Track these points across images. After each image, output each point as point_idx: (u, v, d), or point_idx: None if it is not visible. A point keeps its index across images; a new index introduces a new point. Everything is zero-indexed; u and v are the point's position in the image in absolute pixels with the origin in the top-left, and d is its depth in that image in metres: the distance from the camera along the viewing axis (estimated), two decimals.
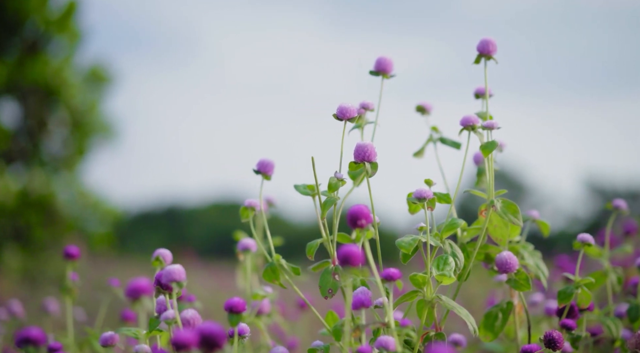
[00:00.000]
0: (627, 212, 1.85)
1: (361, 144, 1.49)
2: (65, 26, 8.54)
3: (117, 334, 1.65)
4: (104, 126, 9.04)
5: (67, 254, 1.99)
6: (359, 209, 1.34)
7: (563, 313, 1.68)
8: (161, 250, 1.63)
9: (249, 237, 1.86)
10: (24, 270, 7.84)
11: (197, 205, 16.40)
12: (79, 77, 8.81)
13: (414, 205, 1.61)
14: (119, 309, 2.60)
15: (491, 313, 1.68)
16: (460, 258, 1.52)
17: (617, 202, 1.84)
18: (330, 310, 1.64)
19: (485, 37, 1.61)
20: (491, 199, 1.57)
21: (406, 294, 1.50)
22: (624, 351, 1.82)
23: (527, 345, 1.55)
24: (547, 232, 1.78)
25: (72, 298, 2.00)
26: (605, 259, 1.85)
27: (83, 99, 8.80)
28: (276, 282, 1.61)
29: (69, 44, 8.66)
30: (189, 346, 1.15)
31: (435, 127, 1.78)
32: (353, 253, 1.24)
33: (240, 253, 1.80)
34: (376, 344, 1.32)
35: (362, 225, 1.34)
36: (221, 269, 8.42)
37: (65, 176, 8.98)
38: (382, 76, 1.65)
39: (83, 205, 9.08)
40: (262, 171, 1.63)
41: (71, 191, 8.93)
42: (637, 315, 1.78)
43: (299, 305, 2.43)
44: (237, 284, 2.07)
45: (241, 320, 1.40)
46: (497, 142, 1.53)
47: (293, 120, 22.75)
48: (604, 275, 1.83)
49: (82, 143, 8.88)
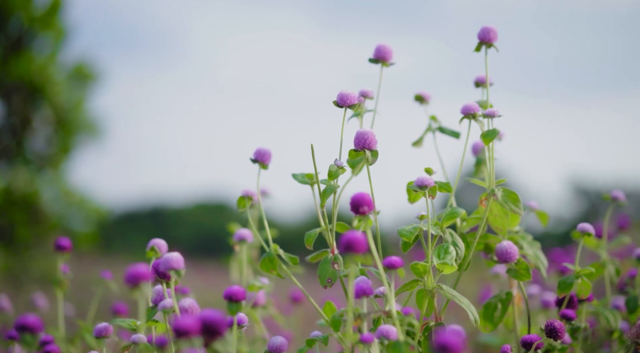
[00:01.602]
0: (624, 203, 1.84)
1: (362, 131, 1.47)
2: (50, 23, 8.47)
3: (111, 325, 1.63)
4: (89, 124, 8.96)
5: (59, 246, 1.96)
6: (361, 196, 1.32)
7: (562, 303, 1.67)
8: (156, 240, 1.60)
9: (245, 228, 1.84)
10: (7, 269, 7.77)
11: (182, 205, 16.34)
12: (64, 75, 8.74)
13: (414, 194, 1.59)
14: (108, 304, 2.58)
15: (490, 303, 1.66)
16: (461, 248, 1.51)
17: (615, 193, 1.83)
18: (329, 300, 1.62)
19: (486, 25, 1.59)
20: (492, 188, 1.55)
21: (407, 283, 1.49)
22: (622, 342, 1.81)
23: (527, 336, 1.53)
24: (546, 223, 1.77)
25: (63, 291, 1.96)
26: (603, 250, 1.84)
27: (68, 96, 8.73)
28: (274, 272, 1.59)
29: (54, 41, 8.59)
30: (190, 332, 1.13)
31: (434, 117, 1.77)
32: (357, 239, 1.22)
33: (236, 244, 1.77)
34: (377, 333, 1.30)
35: (365, 212, 1.32)
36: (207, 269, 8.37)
37: (49, 174, 8.90)
38: (382, 64, 1.63)
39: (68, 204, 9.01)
40: (260, 160, 1.61)
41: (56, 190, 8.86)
42: (636, 306, 1.77)
43: (292, 298, 2.41)
44: (231, 277, 2.05)
45: (240, 309, 1.37)
46: (498, 131, 1.52)
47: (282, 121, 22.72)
48: (601, 266, 1.82)
49: (67, 141, 8.80)
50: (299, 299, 2.38)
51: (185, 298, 1.38)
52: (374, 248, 1.28)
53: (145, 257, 1.57)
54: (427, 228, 1.47)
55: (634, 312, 1.77)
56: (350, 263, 1.22)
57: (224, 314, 1.21)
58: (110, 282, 2.03)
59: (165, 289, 1.43)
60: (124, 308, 2.14)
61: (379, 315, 1.36)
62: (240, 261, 2.00)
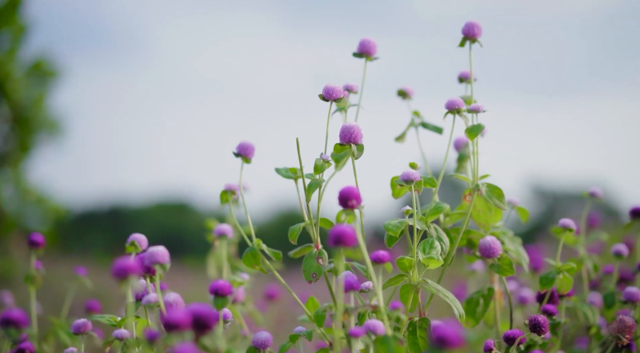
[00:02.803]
0: (602, 200, 1.85)
1: (347, 125, 1.46)
2: (9, 19, 8.33)
3: (90, 321, 1.60)
4: (49, 122, 8.82)
5: (32, 242, 1.92)
6: (349, 190, 1.31)
7: (544, 299, 1.68)
8: (136, 235, 1.58)
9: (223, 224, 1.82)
10: None
11: (142, 204, 16.17)
12: (23, 71, 8.60)
13: (398, 189, 1.59)
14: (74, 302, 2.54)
15: (472, 299, 1.67)
16: (445, 242, 1.50)
17: (593, 189, 1.85)
18: (311, 296, 1.61)
19: (470, 20, 1.59)
20: (476, 183, 1.55)
21: (392, 278, 1.48)
22: (599, 338, 1.83)
23: (510, 331, 1.54)
24: (526, 219, 1.77)
25: (36, 287, 1.92)
26: (581, 246, 1.86)
27: (27, 93, 8.58)
28: (257, 267, 1.57)
29: (13, 37, 8.44)
30: (180, 326, 1.11)
31: (417, 112, 1.77)
32: (347, 233, 1.21)
33: (216, 239, 1.75)
34: (364, 328, 1.29)
35: (353, 205, 1.31)
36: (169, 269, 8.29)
37: (7, 173, 8.75)
38: (366, 58, 1.63)
39: (25, 203, 8.87)
40: (243, 154, 1.59)
41: (14, 188, 8.71)
42: (613, 302, 1.79)
43: (267, 295, 2.39)
44: (208, 273, 2.03)
45: (226, 303, 1.36)
46: (483, 126, 1.52)
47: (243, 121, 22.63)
48: (579, 262, 1.83)
49: (26, 139, 8.66)
50: (274, 296, 2.36)
51: (170, 293, 1.36)
52: (362, 242, 1.28)
53: (104, 256, 1.54)
54: (413, 223, 1.46)
55: (612, 307, 1.78)
56: (340, 256, 1.21)
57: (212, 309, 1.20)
58: (85, 279, 2.00)
59: (149, 284, 1.41)
60: (97, 306, 2.10)
61: (368, 309, 1.35)
62: (217, 257, 1.98)
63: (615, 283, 1.86)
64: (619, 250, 1.84)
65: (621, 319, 1.54)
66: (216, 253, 2.00)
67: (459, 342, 1.02)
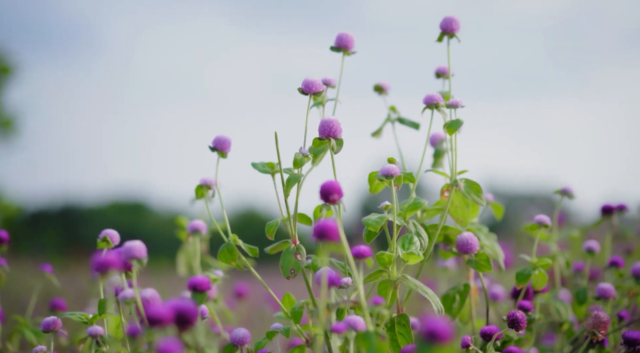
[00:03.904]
0: (573, 196, 1.86)
1: (326, 119, 1.45)
2: None
3: (59, 319, 1.56)
4: (1, 120, 8.68)
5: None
6: (331, 184, 1.30)
7: (519, 295, 1.68)
8: (108, 230, 1.55)
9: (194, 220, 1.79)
10: None
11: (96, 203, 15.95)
12: None
13: (375, 185, 1.58)
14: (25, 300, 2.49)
15: (449, 295, 1.66)
16: (424, 238, 1.50)
17: (565, 186, 1.86)
18: (287, 292, 1.59)
19: (448, 15, 1.59)
20: (455, 179, 1.55)
21: (372, 274, 1.47)
22: (571, 334, 1.84)
23: (487, 327, 1.53)
24: (501, 215, 1.78)
25: (0, 285, 1.87)
26: (553, 243, 1.87)
27: None
28: (233, 263, 1.55)
29: None
30: (164, 321, 1.09)
31: (394, 107, 1.76)
32: (331, 227, 1.19)
33: (189, 235, 1.72)
34: (344, 324, 1.28)
35: (335, 200, 1.29)
36: None
37: None
38: (343, 53, 1.61)
39: None
40: (219, 148, 1.56)
41: None
42: (585, 298, 1.80)
43: (236, 293, 2.37)
44: (178, 271, 1.99)
45: (205, 299, 1.33)
46: (462, 121, 1.52)
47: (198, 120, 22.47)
48: (551, 258, 1.84)
49: None
50: (242, 294, 2.34)
51: (146, 289, 1.33)
52: (343, 237, 1.26)
53: (56, 256, 1.51)
54: (393, 218, 1.45)
55: (584, 303, 1.79)
56: (325, 251, 1.19)
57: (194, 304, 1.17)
58: (51, 277, 1.95)
59: (124, 280, 1.37)
60: (63, 304, 2.06)
61: (349, 305, 1.34)
62: (187, 254, 1.95)
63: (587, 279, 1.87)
64: (590, 247, 1.85)
65: (596, 315, 1.55)
66: (186, 250, 1.97)
67: (449, 336, 1.01)
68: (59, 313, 1.98)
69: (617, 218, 1.97)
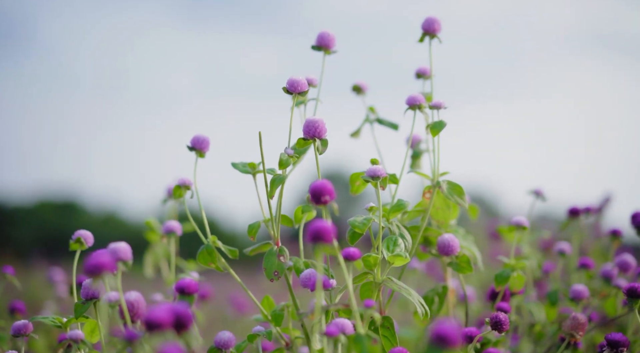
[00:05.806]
0: (545, 198, 1.88)
1: (311, 119, 1.42)
2: None
3: (31, 323, 1.51)
4: None
5: None
6: (322, 185, 1.28)
7: (497, 297, 1.68)
8: (82, 231, 1.50)
9: None
10: None
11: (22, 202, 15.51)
12: None
13: (356, 186, 1.56)
14: None
15: (427, 297, 1.66)
16: (408, 240, 1.49)
17: (537, 189, 1.87)
18: (267, 294, 1.57)
19: (431, 15, 1.58)
20: (437, 180, 1.54)
21: (357, 276, 1.45)
22: (541, 335, 1.85)
23: (467, 329, 1.53)
24: (475, 216, 1.78)
25: None
26: (525, 244, 1.88)
27: None
28: (212, 265, 1.51)
29: None
30: (163, 325, 1.05)
31: (372, 108, 1.74)
32: (325, 229, 1.17)
33: (164, 236, 1.68)
34: (334, 327, 1.26)
35: (326, 201, 1.27)
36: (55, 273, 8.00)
37: None
38: (324, 52, 1.59)
39: None
40: (197, 148, 1.53)
41: None
42: (556, 299, 1.82)
43: (200, 295, 2.32)
44: (145, 272, 1.95)
45: (192, 302, 1.30)
46: (445, 122, 1.51)
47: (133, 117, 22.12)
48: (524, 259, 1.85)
49: None
50: (206, 296, 2.30)
51: (131, 291, 1.29)
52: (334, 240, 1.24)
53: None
54: (379, 220, 1.44)
55: (556, 304, 1.81)
56: (320, 253, 1.17)
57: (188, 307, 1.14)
58: (13, 278, 1.89)
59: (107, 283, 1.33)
60: (22, 308, 1.99)
61: (339, 308, 1.32)
62: (155, 255, 1.91)
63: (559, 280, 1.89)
64: (562, 249, 1.87)
65: (574, 316, 1.56)
66: (154, 251, 1.93)
67: (459, 341, 1.00)
68: (19, 316, 1.91)
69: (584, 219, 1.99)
